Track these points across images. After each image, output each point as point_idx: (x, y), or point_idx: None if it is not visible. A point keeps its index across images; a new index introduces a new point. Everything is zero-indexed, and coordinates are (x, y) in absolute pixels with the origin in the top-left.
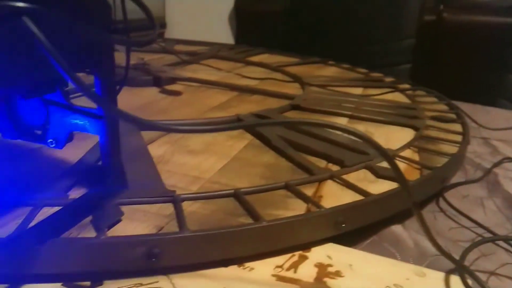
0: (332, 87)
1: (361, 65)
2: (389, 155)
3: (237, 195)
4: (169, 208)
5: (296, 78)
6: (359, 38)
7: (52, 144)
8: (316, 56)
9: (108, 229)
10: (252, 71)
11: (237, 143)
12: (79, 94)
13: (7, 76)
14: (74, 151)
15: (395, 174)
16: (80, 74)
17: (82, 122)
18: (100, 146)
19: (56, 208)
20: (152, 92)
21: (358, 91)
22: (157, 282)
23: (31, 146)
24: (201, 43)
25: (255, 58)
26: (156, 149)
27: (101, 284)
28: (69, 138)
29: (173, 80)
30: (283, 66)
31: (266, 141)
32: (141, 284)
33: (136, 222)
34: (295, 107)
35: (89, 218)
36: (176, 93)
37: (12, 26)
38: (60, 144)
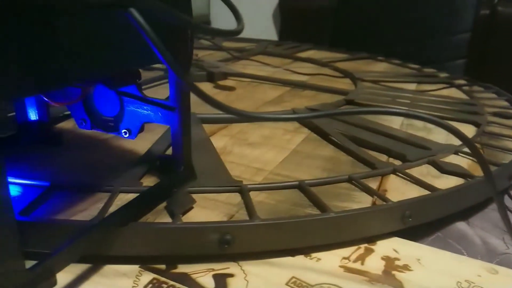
0: (385, 82)
1: (412, 60)
2: (474, 145)
3: (301, 187)
4: (236, 197)
5: (346, 74)
6: (411, 33)
7: (125, 135)
8: (364, 51)
9: (182, 216)
10: (301, 67)
11: (294, 137)
12: None
13: (105, 65)
14: (139, 142)
15: (480, 164)
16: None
17: (155, 114)
18: (171, 137)
19: (131, 194)
20: (206, 87)
21: (412, 86)
22: (228, 268)
23: (100, 137)
24: (247, 40)
25: (302, 54)
26: (217, 142)
27: (175, 268)
28: (141, 129)
29: (225, 76)
30: (332, 62)
31: (323, 135)
32: (213, 269)
33: (207, 210)
34: (349, 102)
35: (163, 204)
36: (230, 88)
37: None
38: (133, 135)
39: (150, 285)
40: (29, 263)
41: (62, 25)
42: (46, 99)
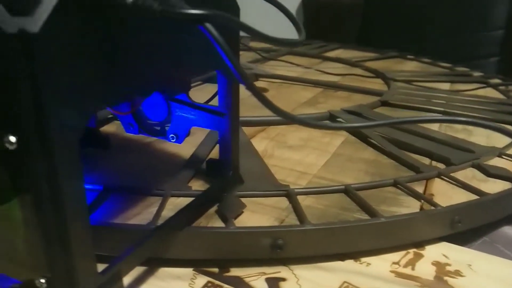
0: (417, 82)
1: (443, 58)
2: None
3: (348, 191)
4: (284, 201)
5: (377, 74)
6: (441, 30)
7: (173, 139)
8: (392, 49)
9: (234, 220)
10: (331, 67)
11: (334, 139)
12: None
13: (173, 75)
14: (181, 145)
15: None
16: None
17: (202, 119)
18: (219, 141)
19: (181, 198)
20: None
21: (445, 86)
22: (279, 272)
23: (144, 140)
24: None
25: (330, 54)
26: (257, 145)
27: (228, 271)
28: (188, 133)
29: (257, 77)
30: (361, 61)
31: (362, 138)
32: (265, 273)
33: (257, 214)
34: (384, 103)
35: (213, 208)
36: (262, 90)
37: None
38: (180, 139)
39: None
40: None
41: (143, 37)
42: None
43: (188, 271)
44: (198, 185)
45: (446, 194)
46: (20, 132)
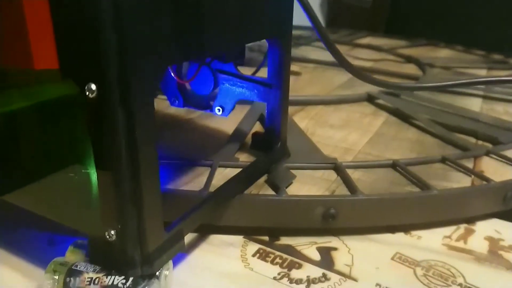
0: (454, 68)
1: (475, 46)
2: None
3: (396, 166)
4: (332, 174)
5: (410, 59)
6: (473, 18)
7: (219, 112)
8: (422, 38)
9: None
10: (363, 53)
11: (374, 120)
12: None
13: (242, 36)
14: (222, 120)
15: None
16: None
17: (250, 91)
18: (267, 114)
19: (229, 169)
20: None
21: (482, 72)
22: (330, 242)
23: (185, 117)
24: (301, 27)
25: (361, 41)
26: (298, 123)
27: (278, 240)
28: (234, 106)
29: None
30: (392, 48)
31: (404, 118)
32: (315, 243)
33: (307, 185)
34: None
35: (263, 178)
36: (296, 74)
37: None
38: (226, 112)
39: (258, 255)
40: None
41: None
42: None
43: (239, 238)
44: (243, 158)
45: (496, 172)
46: (102, 80)
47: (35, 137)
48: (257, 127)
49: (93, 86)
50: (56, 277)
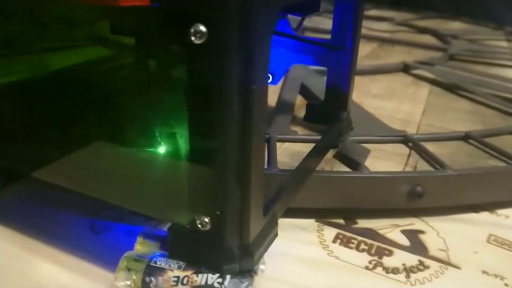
0: (477, 40)
1: (483, 20)
2: None
3: (469, 138)
4: (402, 148)
5: (427, 31)
6: None
7: (268, 80)
8: (429, 11)
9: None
10: (375, 25)
11: (419, 89)
12: None
13: None
14: None
15: None
16: None
17: (307, 55)
18: (327, 80)
19: (287, 143)
20: None
21: (503, 44)
22: (413, 224)
23: None
24: None
25: (367, 14)
26: None
27: (355, 223)
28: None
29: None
30: (404, 20)
31: (448, 88)
32: (397, 225)
33: (382, 160)
34: (452, 58)
35: (329, 154)
36: None
37: None
38: (276, 80)
39: (338, 241)
40: None
41: None
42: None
43: (311, 222)
44: (299, 130)
45: None
46: (216, 18)
47: (104, 106)
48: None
49: (202, 28)
50: (134, 276)
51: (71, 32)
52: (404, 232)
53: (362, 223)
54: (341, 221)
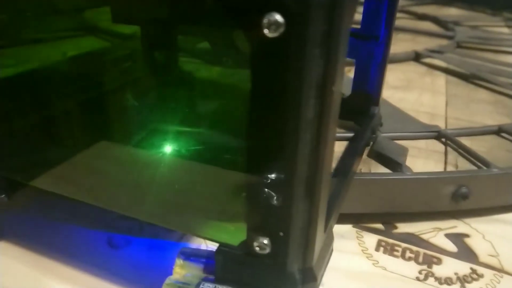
0: (480, 27)
1: (480, 3)
2: None
3: (502, 132)
4: (435, 144)
5: (426, 18)
6: None
7: None
8: None
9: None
10: None
11: (435, 79)
12: None
13: None
14: None
15: None
16: None
17: None
18: (356, 73)
19: None
20: None
21: (504, 30)
22: (455, 227)
23: None
24: None
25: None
26: None
27: (395, 227)
28: None
29: None
30: (402, 6)
31: (464, 78)
32: (439, 229)
33: (419, 158)
34: (460, 46)
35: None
36: None
37: None
38: None
39: (382, 248)
40: None
41: None
42: None
43: (348, 228)
44: None
45: None
46: (292, 9)
47: (150, 112)
48: None
49: (278, 18)
50: None
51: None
52: (448, 236)
53: (402, 228)
54: (380, 226)
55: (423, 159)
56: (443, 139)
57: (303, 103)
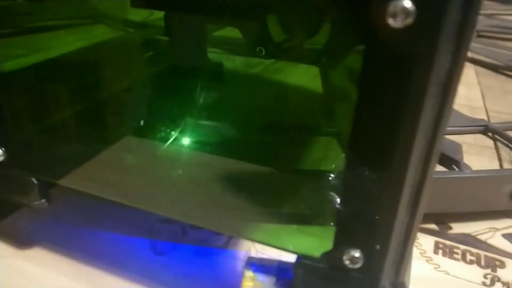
0: (493, 15)
1: None
2: None
3: None
4: (482, 138)
5: None
6: None
7: None
8: None
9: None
10: None
11: (465, 70)
12: None
13: None
14: None
15: None
16: None
17: None
18: None
19: None
20: None
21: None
22: (511, 226)
23: None
24: None
25: None
26: None
27: (450, 228)
28: None
29: None
30: None
31: (493, 69)
32: (496, 229)
33: (471, 155)
34: (480, 35)
35: None
36: None
37: None
38: None
39: (440, 251)
40: None
41: None
42: None
43: None
44: None
45: None
46: None
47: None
48: None
49: (408, 4)
50: None
51: None
52: (505, 236)
53: (457, 228)
54: (434, 226)
55: (475, 155)
56: (490, 134)
57: (426, 102)
